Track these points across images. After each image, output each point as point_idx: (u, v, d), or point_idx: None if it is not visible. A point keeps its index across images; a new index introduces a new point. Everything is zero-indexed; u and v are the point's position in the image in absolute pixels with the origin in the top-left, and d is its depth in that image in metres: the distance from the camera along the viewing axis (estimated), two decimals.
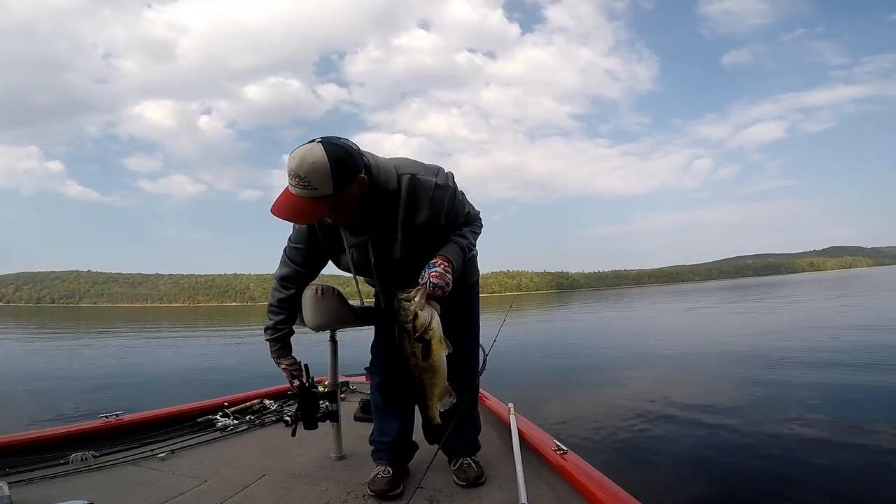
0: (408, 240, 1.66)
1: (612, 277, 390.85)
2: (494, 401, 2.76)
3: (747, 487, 3.18)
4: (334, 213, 1.50)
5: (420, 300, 1.50)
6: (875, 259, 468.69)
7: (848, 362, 6.95)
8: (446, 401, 1.61)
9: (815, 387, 5.68)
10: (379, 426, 2.00)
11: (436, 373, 1.56)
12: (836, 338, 9.49)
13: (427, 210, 1.61)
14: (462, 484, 1.90)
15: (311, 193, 1.38)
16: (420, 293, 1.51)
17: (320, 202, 1.41)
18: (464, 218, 1.77)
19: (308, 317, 2.00)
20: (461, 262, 1.68)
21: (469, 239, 1.74)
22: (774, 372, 6.62)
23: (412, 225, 1.64)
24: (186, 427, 2.74)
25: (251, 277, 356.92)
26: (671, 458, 3.72)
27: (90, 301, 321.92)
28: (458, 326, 1.86)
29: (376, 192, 1.55)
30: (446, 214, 1.67)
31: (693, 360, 8.25)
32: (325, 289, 2.01)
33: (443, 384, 1.58)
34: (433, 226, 1.65)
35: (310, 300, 1.97)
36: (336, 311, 2.01)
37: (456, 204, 1.71)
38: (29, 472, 2.06)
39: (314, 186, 1.37)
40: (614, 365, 8.29)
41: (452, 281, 1.59)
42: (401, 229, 1.64)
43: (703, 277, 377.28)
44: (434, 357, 1.54)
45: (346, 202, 1.48)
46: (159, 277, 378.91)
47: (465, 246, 1.71)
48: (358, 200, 1.51)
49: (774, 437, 3.96)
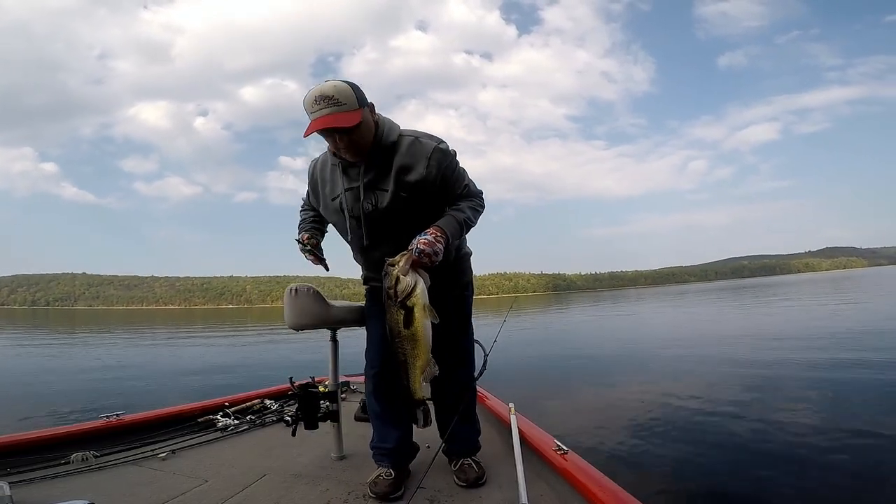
0: (399, 193, 1.67)
1: (608, 279, 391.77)
2: (495, 401, 2.77)
3: (747, 487, 3.19)
4: (357, 135, 1.59)
5: (404, 265, 1.49)
6: (870, 260, 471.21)
7: (842, 362, 6.99)
8: (428, 372, 1.58)
9: (813, 386, 5.70)
10: (378, 433, 2.00)
11: (417, 343, 1.53)
12: (830, 338, 9.53)
13: (422, 168, 1.65)
14: (463, 484, 1.90)
15: (341, 109, 1.51)
16: (405, 258, 1.51)
17: (353, 114, 1.53)
18: (462, 189, 1.77)
19: (285, 316, 2.10)
20: (458, 236, 1.69)
21: (467, 214, 1.74)
22: (773, 372, 6.65)
23: (404, 180, 1.66)
24: (187, 427, 2.74)
25: (247, 280, 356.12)
26: (671, 458, 3.74)
27: (85, 303, 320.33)
28: (454, 327, 1.87)
29: (378, 143, 1.64)
30: (442, 178, 1.68)
31: (692, 360, 8.27)
32: (299, 288, 2.12)
33: (426, 356, 1.55)
34: (426, 186, 1.66)
35: (286, 300, 2.09)
36: (310, 310, 2.10)
37: (455, 172, 1.73)
38: (30, 472, 2.06)
39: (343, 102, 1.51)
40: (614, 366, 8.33)
41: (445, 251, 1.60)
42: (393, 181, 1.66)
43: (699, 279, 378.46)
44: (416, 326, 1.51)
45: (367, 125, 1.60)
46: (155, 280, 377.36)
47: (463, 220, 1.70)
48: (373, 131, 1.62)
49: (774, 437, 3.97)
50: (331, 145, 1.67)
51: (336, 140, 1.61)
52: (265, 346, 15.01)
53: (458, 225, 1.67)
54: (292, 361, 10.38)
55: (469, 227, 1.76)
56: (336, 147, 1.65)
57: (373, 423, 2.03)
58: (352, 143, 1.61)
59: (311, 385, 2.33)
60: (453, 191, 1.74)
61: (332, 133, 1.59)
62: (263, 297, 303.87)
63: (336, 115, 1.51)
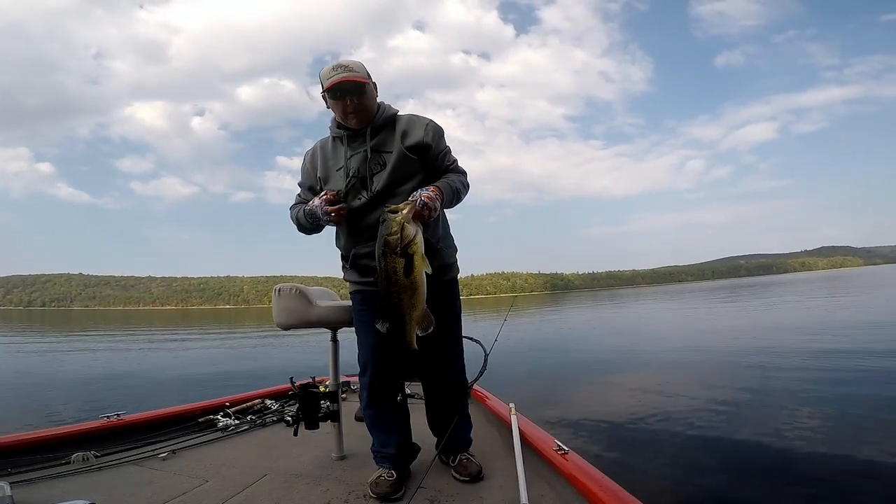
0: (404, 153, 1.84)
1: (605, 278, 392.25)
2: (495, 401, 2.78)
3: (746, 487, 3.19)
4: (366, 99, 1.82)
5: (408, 213, 1.53)
6: (865, 259, 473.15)
7: (838, 359, 7.06)
8: (427, 323, 1.58)
9: (811, 387, 5.69)
10: (378, 439, 2.01)
11: (415, 291, 1.54)
12: (826, 336, 9.59)
13: (420, 133, 1.87)
14: (465, 479, 1.92)
15: (355, 74, 1.78)
16: (409, 207, 1.55)
17: (364, 78, 1.80)
18: (452, 163, 1.95)
19: (273, 315, 2.26)
20: (450, 201, 1.83)
21: (457, 186, 1.87)
22: (772, 372, 6.66)
23: (407, 142, 1.86)
24: (188, 427, 2.74)
25: (245, 280, 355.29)
26: (672, 458, 3.73)
27: (82, 304, 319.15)
28: (444, 324, 1.89)
29: (382, 114, 1.88)
30: (436, 144, 1.89)
31: (692, 360, 8.27)
32: (282, 288, 2.25)
33: (422, 306, 1.57)
34: (424, 149, 1.86)
35: (273, 300, 2.23)
36: (293, 310, 2.22)
37: (446, 147, 1.94)
38: (30, 473, 2.07)
39: (356, 70, 1.79)
40: (614, 366, 8.29)
41: (439, 208, 1.72)
42: (398, 142, 1.85)
43: (697, 278, 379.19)
44: (416, 274, 1.53)
45: (373, 95, 1.85)
46: (151, 280, 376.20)
47: (455, 188, 1.86)
48: (376, 104, 1.87)
49: (774, 437, 3.97)
50: (340, 112, 1.86)
51: (346, 103, 1.81)
52: (265, 346, 14.97)
53: (451, 191, 1.82)
54: (293, 361, 10.37)
55: (459, 198, 1.89)
56: (345, 112, 1.83)
57: (371, 429, 2.04)
58: (361, 106, 1.82)
59: (311, 385, 2.34)
60: (443, 162, 1.92)
61: (344, 95, 1.80)
62: (261, 298, 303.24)
63: (351, 75, 1.78)
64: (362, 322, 1.97)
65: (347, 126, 1.88)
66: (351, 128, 1.88)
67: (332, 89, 1.79)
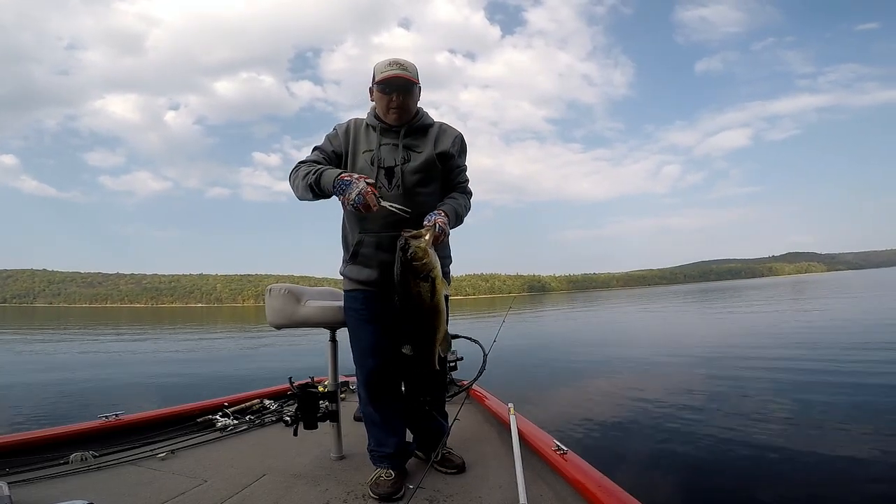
0: (433, 155, 1.93)
1: (581, 281, 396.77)
2: (494, 401, 2.81)
3: (746, 486, 3.20)
4: (411, 98, 1.92)
5: (430, 238, 1.59)
6: (829, 265, 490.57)
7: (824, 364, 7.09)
8: (446, 345, 1.67)
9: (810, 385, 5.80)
10: (375, 439, 2.04)
11: (439, 314, 1.62)
12: (801, 341, 9.82)
13: (449, 142, 1.97)
14: (453, 471, 2.01)
15: (409, 73, 1.87)
16: (431, 232, 1.61)
17: (415, 80, 1.89)
18: (464, 182, 2.06)
19: (266, 314, 2.31)
20: (454, 224, 1.91)
21: (462, 210, 1.96)
22: (771, 372, 6.73)
23: (438, 147, 1.95)
24: (186, 427, 2.73)
25: (218, 278, 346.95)
26: (671, 458, 3.74)
27: (45, 301, 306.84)
28: None
29: (420, 117, 1.97)
30: (458, 157, 2.01)
31: (692, 360, 8.34)
32: (273, 288, 2.30)
33: (444, 327, 1.64)
34: (448, 158, 1.96)
35: (266, 299, 2.30)
36: (281, 309, 2.27)
37: (464, 163, 2.05)
38: (29, 472, 2.04)
39: (410, 71, 1.88)
40: (614, 366, 8.31)
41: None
42: (430, 145, 1.95)
43: (669, 281, 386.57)
44: (438, 297, 1.60)
45: (417, 96, 1.94)
46: (120, 277, 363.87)
47: (459, 213, 1.94)
48: (417, 106, 1.97)
49: (774, 437, 4.00)
50: (383, 106, 1.93)
51: (393, 98, 1.89)
52: (262, 347, 14.62)
53: (455, 216, 1.90)
54: (293, 361, 10.21)
55: (460, 222, 1.98)
56: (388, 106, 1.91)
57: (369, 429, 2.06)
58: (405, 104, 1.91)
59: (310, 385, 2.35)
60: (457, 178, 2.03)
61: (392, 91, 1.88)
62: (234, 297, 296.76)
63: (405, 73, 1.86)
64: (362, 322, 1.97)
65: (384, 121, 1.95)
66: (388, 123, 1.95)
67: (383, 83, 1.87)
